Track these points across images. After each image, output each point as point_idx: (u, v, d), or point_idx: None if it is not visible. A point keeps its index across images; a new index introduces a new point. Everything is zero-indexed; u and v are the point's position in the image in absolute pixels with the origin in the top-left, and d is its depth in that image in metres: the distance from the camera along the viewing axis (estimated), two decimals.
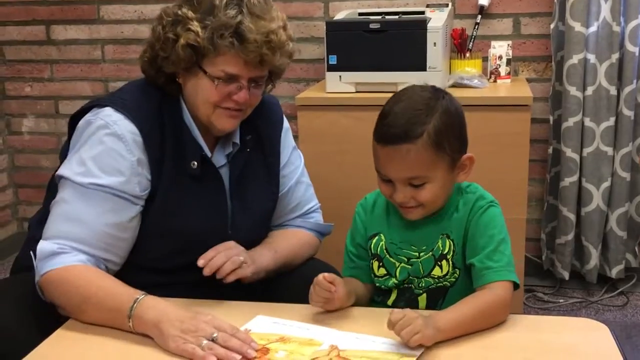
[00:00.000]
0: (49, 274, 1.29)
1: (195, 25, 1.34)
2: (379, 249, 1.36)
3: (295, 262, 1.56)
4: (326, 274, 1.26)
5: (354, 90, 2.44)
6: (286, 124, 1.64)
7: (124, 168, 1.35)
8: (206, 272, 1.34)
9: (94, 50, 3.15)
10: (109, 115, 1.36)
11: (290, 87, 2.98)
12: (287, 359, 1.12)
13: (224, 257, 1.35)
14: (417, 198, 1.26)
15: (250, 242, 1.50)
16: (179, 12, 1.37)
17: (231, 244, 1.41)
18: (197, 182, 1.43)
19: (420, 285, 1.33)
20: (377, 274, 1.37)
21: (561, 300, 2.75)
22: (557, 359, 1.13)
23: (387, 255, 1.35)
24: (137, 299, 1.24)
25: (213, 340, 1.15)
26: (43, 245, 1.31)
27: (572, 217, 2.68)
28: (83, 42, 3.15)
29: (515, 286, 1.27)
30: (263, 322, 1.26)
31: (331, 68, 2.44)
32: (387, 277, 1.36)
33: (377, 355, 1.12)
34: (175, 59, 1.37)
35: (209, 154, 1.45)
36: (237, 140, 1.50)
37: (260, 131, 1.54)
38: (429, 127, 1.22)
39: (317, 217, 1.68)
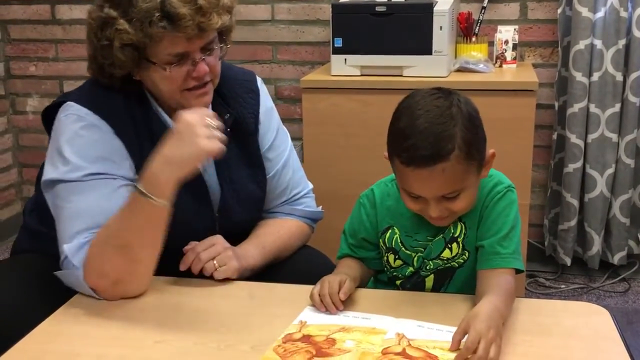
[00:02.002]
0: (83, 261, 1.27)
1: (122, 23, 1.27)
2: (393, 243, 1.34)
3: (285, 254, 1.52)
4: (342, 294, 1.22)
5: (359, 74, 2.44)
6: (267, 102, 1.55)
7: (110, 154, 1.33)
8: (192, 269, 1.34)
9: None
10: (78, 109, 1.34)
11: (295, 70, 2.97)
12: (357, 348, 1.09)
13: (205, 256, 1.34)
14: (452, 209, 1.23)
15: (241, 224, 1.48)
16: (102, 15, 1.30)
17: (215, 239, 1.37)
18: None
19: (427, 267, 1.33)
20: (393, 265, 1.36)
21: (563, 286, 2.76)
22: (558, 342, 1.13)
23: (403, 248, 1.33)
24: (135, 185, 1.24)
25: None
26: (69, 247, 1.27)
27: (575, 203, 2.68)
28: None
29: (518, 271, 1.27)
30: (316, 314, 1.22)
31: (336, 51, 2.43)
32: (404, 266, 1.35)
33: (449, 345, 1.09)
34: (119, 62, 1.31)
35: None
36: None
37: (235, 111, 1.47)
38: (458, 140, 1.16)
39: (308, 203, 1.61)
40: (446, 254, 1.31)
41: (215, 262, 1.34)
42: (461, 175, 1.19)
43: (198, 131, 1.20)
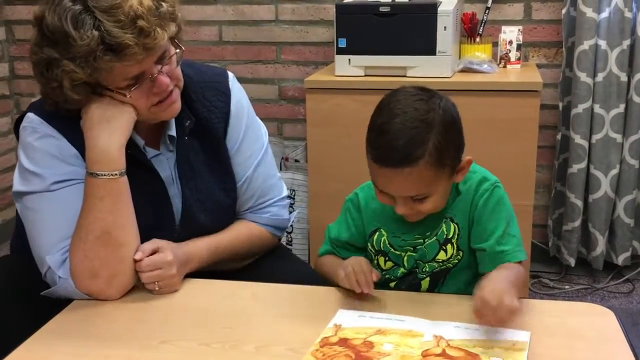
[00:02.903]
0: (70, 270, 1.27)
1: (67, 64, 1.20)
2: (382, 245, 1.34)
3: (240, 256, 1.49)
4: (375, 275, 1.23)
5: (363, 74, 2.44)
6: (238, 102, 1.47)
7: (70, 159, 1.31)
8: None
9: None
10: (32, 120, 1.31)
11: (299, 70, 2.98)
12: (396, 351, 1.09)
13: (147, 279, 1.31)
14: (418, 209, 1.24)
15: (207, 233, 1.45)
16: (44, 55, 1.23)
17: (161, 261, 1.31)
18: (133, 180, 1.32)
19: (424, 270, 1.33)
20: (384, 267, 1.36)
21: (567, 287, 2.76)
22: (562, 342, 1.13)
23: (392, 249, 1.34)
24: (90, 172, 1.27)
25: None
26: (51, 259, 1.27)
27: (579, 203, 2.68)
28: None
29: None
30: (350, 316, 1.21)
31: (340, 51, 2.43)
32: (395, 267, 1.35)
33: (489, 344, 1.10)
34: (73, 99, 1.26)
35: (140, 144, 1.37)
36: (173, 132, 1.40)
37: (198, 115, 1.41)
38: (429, 146, 1.16)
39: (275, 211, 1.53)
40: (441, 256, 1.31)
41: (156, 284, 1.31)
42: (429, 180, 1.19)
43: (115, 97, 1.27)
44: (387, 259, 1.35)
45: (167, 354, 1.12)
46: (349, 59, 2.43)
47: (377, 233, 1.35)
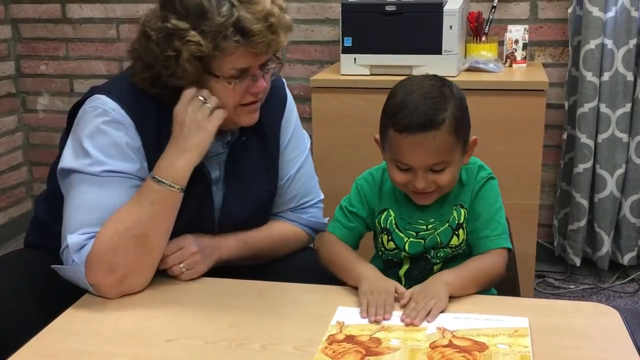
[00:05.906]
0: (87, 257, 1.28)
1: (193, 35, 1.26)
2: (388, 224, 1.38)
3: (272, 254, 1.51)
4: (388, 315, 1.21)
5: (369, 73, 2.44)
6: (290, 106, 1.56)
7: (131, 153, 1.33)
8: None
9: (109, 29, 3.15)
10: (105, 102, 1.33)
11: (305, 69, 2.98)
12: (404, 346, 1.10)
13: (172, 261, 1.36)
14: (437, 182, 1.29)
15: (243, 229, 1.48)
16: (169, 25, 1.28)
17: (184, 241, 1.38)
18: None
19: (438, 255, 1.37)
20: (387, 247, 1.39)
21: (572, 286, 2.75)
22: (567, 342, 1.13)
23: (397, 230, 1.38)
24: (153, 176, 1.30)
25: None
26: (71, 239, 1.28)
27: (585, 203, 2.68)
28: (98, 20, 3.15)
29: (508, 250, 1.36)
30: (351, 313, 1.22)
31: (346, 50, 2.43)
32: (397, 251, 1.38)
33: (492, 332, 1.13)
34: (182, 73, 1.30)
35: None
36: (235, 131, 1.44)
37: (261, 117, 1.44)
38: (449, 114, 1.26)
39: (314, 213, 1.59)
40: (454, 241, 1.36)
41: (182, 265, 1.36)
42: (449, 147, 1.27)
43: (197, 117, 1.31)
44: (390, 238, 1.39)
45: (173, 352, 1.12)
46: (355, 58, 2.43)
47: (386, 212, 1.40)
